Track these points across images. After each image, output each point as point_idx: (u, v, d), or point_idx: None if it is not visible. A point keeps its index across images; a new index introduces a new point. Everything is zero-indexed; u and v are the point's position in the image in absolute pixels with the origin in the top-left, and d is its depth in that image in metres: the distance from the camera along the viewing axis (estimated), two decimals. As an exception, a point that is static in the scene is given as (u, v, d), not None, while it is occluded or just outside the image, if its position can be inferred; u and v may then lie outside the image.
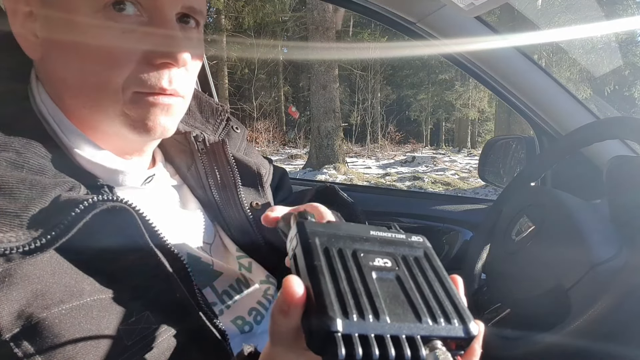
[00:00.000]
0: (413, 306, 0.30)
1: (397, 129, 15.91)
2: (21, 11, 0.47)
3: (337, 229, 0.34)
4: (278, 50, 14.80)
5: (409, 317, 0.29)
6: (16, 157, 0.41)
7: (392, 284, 0.31)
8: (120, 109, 0.48)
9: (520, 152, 1.17)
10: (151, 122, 0.49)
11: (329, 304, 0.27)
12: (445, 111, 18.13)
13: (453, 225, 1.20)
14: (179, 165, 0.64)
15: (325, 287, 0.28)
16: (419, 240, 0.37)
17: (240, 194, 0.63)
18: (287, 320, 0.29)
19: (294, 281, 0.29)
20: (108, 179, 0.50)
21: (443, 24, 1.00)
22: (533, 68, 1.03)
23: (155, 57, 0.47)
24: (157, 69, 0.47)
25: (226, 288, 0.58)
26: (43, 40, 0.48)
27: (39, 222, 0.37)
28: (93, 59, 0.46)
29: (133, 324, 0.41)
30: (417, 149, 14.86)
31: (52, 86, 0.50)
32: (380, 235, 0.35)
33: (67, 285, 0.39)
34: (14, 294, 0.36)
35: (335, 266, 0.30)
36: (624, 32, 10.73)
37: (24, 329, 0.35)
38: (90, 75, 0.47)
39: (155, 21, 0.47)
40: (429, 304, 0.31)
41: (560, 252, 0.71)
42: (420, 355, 0.28)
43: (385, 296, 0.30)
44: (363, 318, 0.28)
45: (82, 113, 0.49)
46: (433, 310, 0.30)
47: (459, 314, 0.30)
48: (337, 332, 0.26)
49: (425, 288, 0.32)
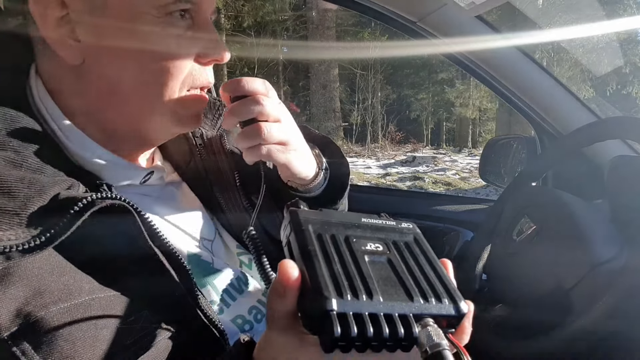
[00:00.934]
0: (405, 287, 0.31)
1: (398, 129, 15.89)
2: (52, 16, 0.46)
3: (329, 216, 0.35)
4: (278, 50, 14.79)
5: (402, 296, 0.30)
6: (14, 156, 0.41)
7: (384, 266, 0.33)
8: (171, 108, 0.51)
9: (521, 152, 1.16)
10: (198, 115, 0.55)
11: (324, 285, 0.28)
12: (446, 111, 18.13)
13: (454, 226, 1.20)
14: (178, 162, 0.64)
15: (319, 269, 0.30)
16: (409, 226, 0.38)
17: (239, 190, 0.63)
18: (283, 302, 0.30)
19: (289, 264, 0.30)
20: (107, 177, 0.50)
21: (444, 23, 1.00)
22: (534, 67, 1.02)
23: (207, 57, 0.51)
24: (205, 66, 0.52)
25: (226, 287, 0.58)
26: (88, 45, 0.47)
27: (38, 220, 0.37)
28: (155, 65, 0.48)
29: (132, 323, 0.41)
30: (417, 149, 14.84)
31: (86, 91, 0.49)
32: (372, 222, 0.37)
33: (66, 284, 0.39)
34: (12, 292, 0.36)
35: (328, 250, 0.32)
36: (625, 31, 10.72)
37: (22, 328, 0.35)
38: (150, 80, 0.48)
39: (199, 23, 0.50)
40: (420, 285, 0.32)
41: (561, 253, 0.71)
42: (413, 332, 0.29)
43: (377, 278, 0.31)
44: (357, 298, 0.29)
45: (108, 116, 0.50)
46: (424, 290, 0.31)
47: (449, 294, 0.32)
48: (332, 310, 0.27)
49: (416, 270, 0.33)
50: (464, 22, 0.98)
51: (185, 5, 0.48)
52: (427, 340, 0.28)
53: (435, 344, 0.28)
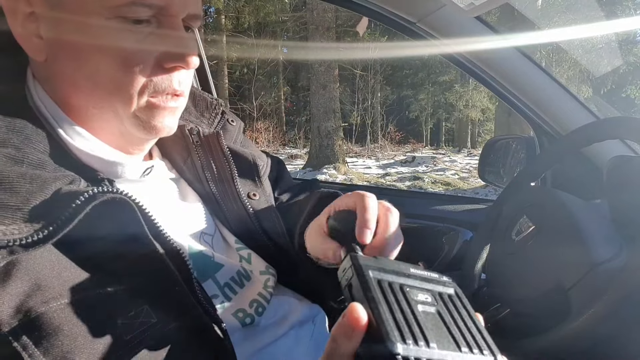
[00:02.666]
0: (453, 337, 0.34)
1: (397, 129, 15.90)
2: (21, 11, 0.47)
3: (383, 264, 0.38)
4: (278, 50, 14.78)
5: (452, 346, 0.34)
6: (15, 152, 0.41)
7: (434, 316, 0.36)
8: (132, 111, 0.49)
9: (520, 152, 1.17)
10: (160, 123, 0.52)
11: (390, 330, 0.31)
12: (445, 111, 18.13)
13: (453, 225, 1.20)
14: (175, 159, 0.65)
15: (384, 315, 0.32)
16: (449, 280, 0.42)
17: (237, 185, 0.64)
18: (349, 343, 0.32)
19: (359, 308, 0.32)
20: (107, 171, 0.51)
21: (443, 24, 1.00)
22: (533, 68, 1.02)
23: (168, 61, 0.49)
24: (169, 72, 0.50)
25: (227, 280, 0.58)
26: (49, 41, 0.47)
27: (41, 214, 0.37)
28: (109, 64, 0.46)
29: (132, 318, 0.41)
30: (417, 149, 14.84)
31: (57, 87, 0.49)
32: (419, 273, 0.40)
33: (67, 279, 0.39)
34: (14, 287, 0.36)
35: (388, 298, 0.34)
36: (624, 32, 10.72)
37: (22, 323, 0.35)
38: (106, 79, 0.47)
39: (165, 26, 0.48)
40: (465, 337, 0.35)
41: (560, 252, 0.71)
42: None
43: (430, 327, 0.34)
44: (417, 344, 0.31)
45: (90, 112, 0.50)
46: (469, 342, 0.35)
47: (489, 347, 0.36)
48: (398, 354, 0.30)
49: (460, 322, 0.37)
50: (463, 22, 0.98)
51: (144, 10, 0.46)
52: None
53: None
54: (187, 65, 0.49)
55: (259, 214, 0.66)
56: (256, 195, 0.67)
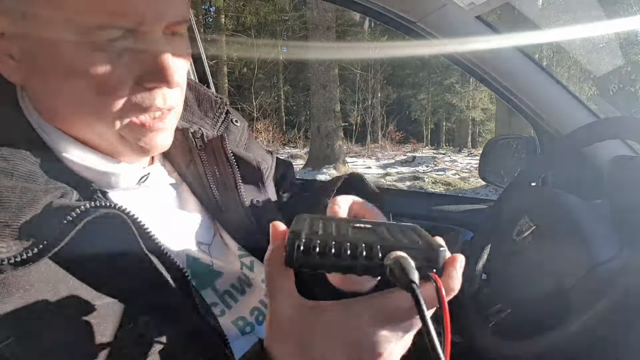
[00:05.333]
0: (381, 236, 0.33)
1: (398, 129, 15.91)
2: None
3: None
4: (278, 50, 14.78)
5: (373, 237, 0.32)
6: (5, 164, 0.40)
7: (367, 230, 0.35)
8: (116, 132, 0.47)
9: (521, 152, 1.16)
10: (148, 145, 0.49)
11: (301, 228, 0.33)
12: (445, 111, 18.12)
13: (453, 225, 1.19)
14: (178, 163, 0.63)
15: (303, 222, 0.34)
16: None
17: (240, 192, 0.61)
18: (273, 254, 0.34)
19: (279, 223, 0.35)
20: (101, 181, 0.49)
21: (443, 24, 1.00)
22: (533, 67, 1.02)
23: (147, 81, 0.45)
24: (150, 91, 0.46)
25: (228, 288, 0.57)
26: (22, 65, 0.45)
27: (31, 231, 0.36)
28: (84, 89, 0.43)
29: (130, 330, 0.41)
30: (417, 149, 14.84)
31: (41, 108, 0.48)
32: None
33: (62, 293, 0.38)
34: (7, 304, 0.35)
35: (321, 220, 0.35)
36: (624, 31, 10.72)
37: (17, 339, 0.35)
38: (83, 104, 0.45)
39: (143, 43, 0.44)
40: (396, 236, 0.33)
41: (560, 253, 0.71)
42: (373, 256, 0.30)
43: (354, 233, 0.33)
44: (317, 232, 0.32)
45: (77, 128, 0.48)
46: (399, 238, 0.33)
47: (426, 240, 0.33)
48: (301, 231, 0.31)
49: (398, 231, 0.35)
50: (464, 22, 0.98)
51: (114, 32, 0.42)
52: (399, 270, 0.29)
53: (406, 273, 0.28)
54: (169, 84, 0.46)
55: (262, 221, 0.63)
56: (260, 202, 0.64)
